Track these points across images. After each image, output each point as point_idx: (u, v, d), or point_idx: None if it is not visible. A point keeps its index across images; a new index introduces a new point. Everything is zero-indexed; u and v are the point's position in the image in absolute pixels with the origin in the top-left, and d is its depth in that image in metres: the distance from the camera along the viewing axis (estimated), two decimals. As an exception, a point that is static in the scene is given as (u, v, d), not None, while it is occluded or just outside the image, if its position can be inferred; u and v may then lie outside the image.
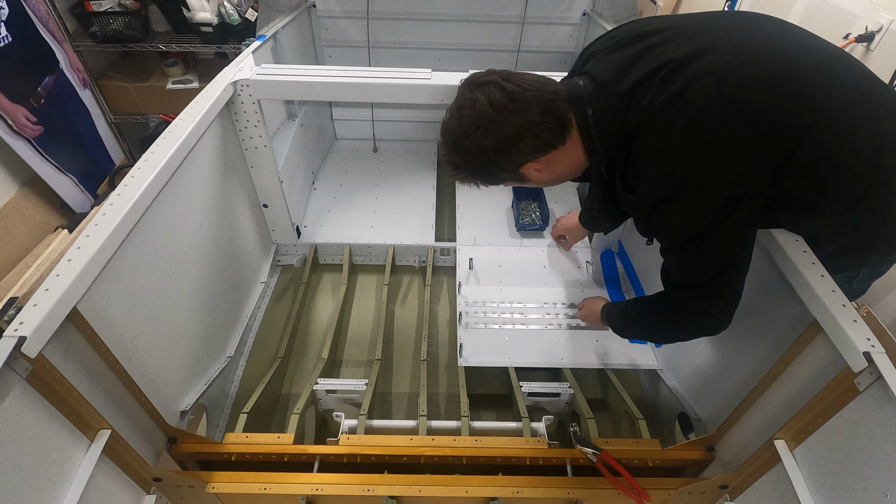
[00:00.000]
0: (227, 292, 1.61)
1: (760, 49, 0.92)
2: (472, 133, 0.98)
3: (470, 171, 1.06)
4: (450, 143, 1.04)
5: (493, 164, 1.01)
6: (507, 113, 0.95)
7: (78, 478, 0.92)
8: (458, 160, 1.05)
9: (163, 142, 1.20)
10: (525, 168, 1.03)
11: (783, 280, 1.03)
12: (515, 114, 0.96)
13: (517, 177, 1.06)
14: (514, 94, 0.95)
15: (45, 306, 0.83)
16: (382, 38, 2.43)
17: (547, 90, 0.98)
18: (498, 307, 1.79)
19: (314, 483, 1.16)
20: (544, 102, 0.97)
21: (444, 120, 1.05)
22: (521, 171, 1.04)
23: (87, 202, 2.61)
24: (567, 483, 1.19)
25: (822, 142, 0.89)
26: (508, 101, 0.95)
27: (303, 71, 1.52)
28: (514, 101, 0.95)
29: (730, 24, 0.98)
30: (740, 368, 1.21)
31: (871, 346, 0.84)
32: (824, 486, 0.93)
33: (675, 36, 0.95)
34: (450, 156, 1.06)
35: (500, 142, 0.97)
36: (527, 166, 1.02)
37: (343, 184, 2.41)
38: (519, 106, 0.95)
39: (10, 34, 2.11)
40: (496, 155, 0.99)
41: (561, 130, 0.99)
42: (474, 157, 1.01)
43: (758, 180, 0.90)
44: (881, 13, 1.64)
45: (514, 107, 0.95)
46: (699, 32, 0.95)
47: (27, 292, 1.95)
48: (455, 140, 1.02)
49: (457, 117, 1.01)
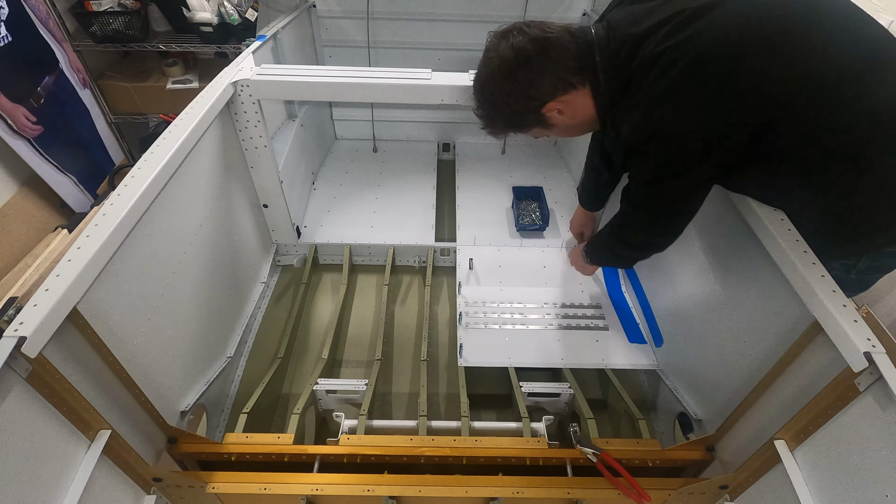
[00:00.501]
0: (227, 292, 1.61)
1: (773, 9, 0.93)
2: (498, 75, 1.05)
3: (498, 116, 1.13)
4: (478, 90, 1.12)
5: (518, 104, 1.07)
6: (528, 54, 1.02)
7: (78, 478, 0.92)
8: (486, 106, 1.12)
9: (163, 142, 1.20)
10: (548, 108, 1.08)
11: (783, 280, 1.03)
12: (536, 55, 1.02)
13: (541, 119, 1.11)
14: (536, 37, 1.02)
15: (45, 306, 0.83)
16: (382, 38, 2.43)
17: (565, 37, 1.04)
18: (498, 307, 1.79)
19: (314, 483, 1.16)
20: (563, 45, 1.03)
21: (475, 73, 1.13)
22: (544, 111, 1.08)
23: (87, 202, 2.61)
24: (567, 483, 1.19)
25: (808, 110, 0.92)
26: (530, 43, 1.02)
27: (303, 71, 1.52)
28: (535, 43, 1.02)
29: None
30: (740, 368, 1.21)
31: (872, 346, 0.84)
32: (824, 486, 0.93)
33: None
34: (479, 103, 1.14)
35: (522, 82, 1.04)
36: (549, 106, 1.07)
37: (343, 184, 2.41)
38: (539, 47, 1.02)
39: (10, 34, 2.11)
40: (519, 94, 1.06)
41: (579, 71, 1.04)
42: (501, 99, 1.08)
43: (735, 138, 0.96)
44: (881, 13, 1.64)
45: (534, 48, 1.02)
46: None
47: (27, 292, 1.95)
48: (482, 83, 1.10)
49: (483, 62, 1.10)
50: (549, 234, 2.12)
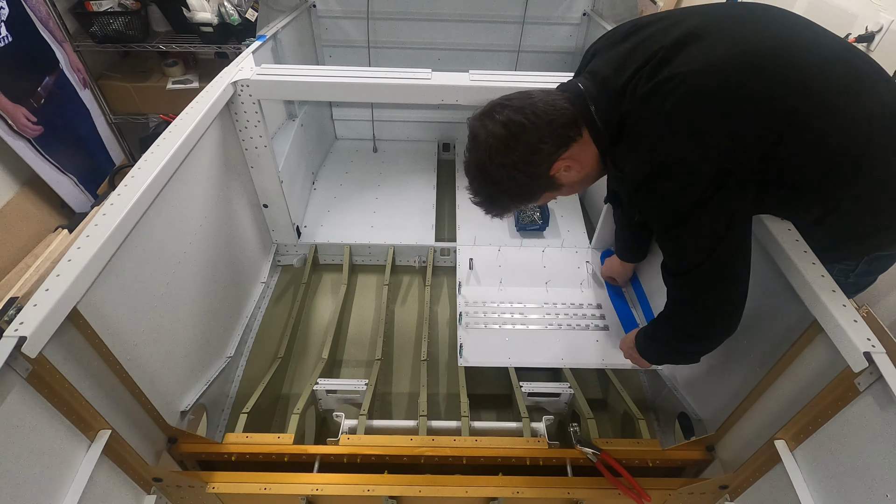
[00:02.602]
0: (228, 292, 1.61)
1: (748, 35, 0.93)
2: (494, 154, 1.00)
3: (504, 195, 1.07)
4: (476, 176, 1.06)
5: (524, 175, 1.02)
6: (519, 125, 0.99)
7: (78, 478, 0.92)
8: (489, 189, 1.06)
9: (163, 142, 1.20)
10: (555, 169, 1.04)
11: (783, 280, 1.03)
12: (528, 122, 0.98)
13: (551, 182, 1.07)
14: (522, 107, 0.99)
15: (45, 306, 0.83)
16: (382, 38, 2.44)
17: (551, 97, 1.02)
18: (498, 307, 1.79)
19: (314, 483, 1.16)
20: (549, 102, 1.00)
21: (464, 161, 1.08)
22: (552, 173, 1.04)
23: (87, 202, 2.61)
24: (567, 483, 1.19)
25: (809, 124, 0.91)
26: (515, 114, 0.99)
27: (303, 71, 1.52)
28: (521, 111, 0.99)
29: (721, 13, 0.99)
30: (740, 368, 1.21)
31: (872, 346, 0.84)
32: (824, 486, 0.93)
33: (667, 26, 0.98)
34: (480, 189, 1.08)
35: (523, 150, 1.00)
36: (556, 166, 1.03)
37: (343, 184, 2.41)
38: (528, 113, 0.99)
39: (11, 34, 2.11)
40: (524, 164, 1.01)
41: (574, 124, 1.01)
42: (504, 177, 1.02)
43: (744, 161, 0.92)
44: (881, 13, 1.65)
45: (523, 117, 0.99)
46: (689, 18, 0.98)
47: (27, 292, 1.95)
48: (479, 168, 1.04)
49: (472, 148, 1.04)
50: (549, 234, 2.12)
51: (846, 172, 0.94)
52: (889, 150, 0.93)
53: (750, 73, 0.89)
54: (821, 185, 0.97)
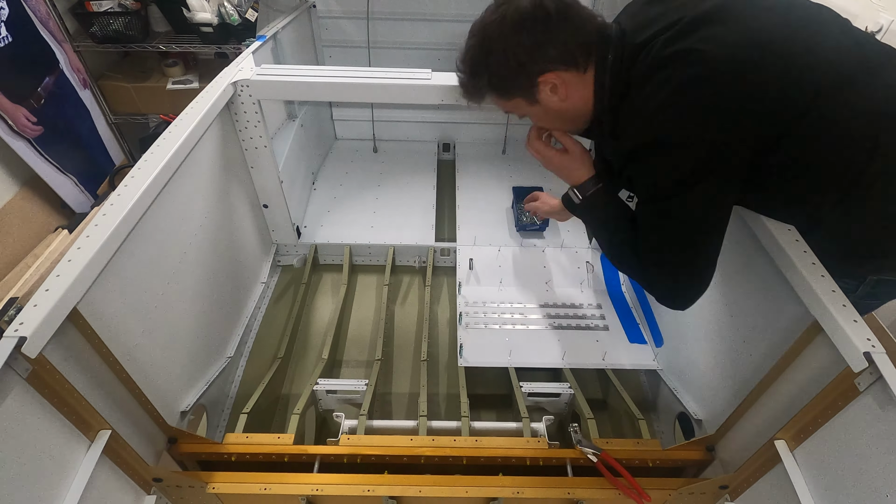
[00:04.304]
0: (227, 292, 1.61)
1: (771, 23, 0.92)
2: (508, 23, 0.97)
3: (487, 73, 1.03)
4: (477, 35, 1.02)
5: (514, 61, 0.98)
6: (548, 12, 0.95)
7: (78, 478, 0.92)
8: (478, 58, 1.03)
9: (163, 142, 1.20)
10: (544, 79, 1.00)
11: (783, 280, 1.03)
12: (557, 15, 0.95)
13: (530, 89, 1.03)
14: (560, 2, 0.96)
15: (45, 306, 0.83)
16: (382, 38, 2.43)
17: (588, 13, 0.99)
18: (498, 307, 1.79)
19: (314, 483, 1.16)
20: (585, 17, 0.98)
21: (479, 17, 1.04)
22: (538, 79, 1.00)
23: (87, 202, 2.61)
24: (567, 483, 1.19)
25: (815, 127, 0.89)
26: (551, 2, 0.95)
27: (303, 71, 1.52)
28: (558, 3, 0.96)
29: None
30: (740, 368, 1.21)
31: (872, 346, 0.84)
32: (824, 486, 0.93)
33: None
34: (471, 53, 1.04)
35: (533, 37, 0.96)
36: (546, 76, 0.99)
37: (343, 184, 2.41)
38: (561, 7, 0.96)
39: (10, 34, 2.11)
40: (522, 50, 0.97)
41: (587, 56, 0.99)
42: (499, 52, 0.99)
43: (736, 154, 0.91)
44: (881, 13, 1.64)
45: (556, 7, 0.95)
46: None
47: (27, 292, 1.95)
48: (484, 28, 1.00)
49: (494, 8, 1.00)
50: (549, 234, 2.12)
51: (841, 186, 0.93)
52: None
53: (761, 66, 0.88)
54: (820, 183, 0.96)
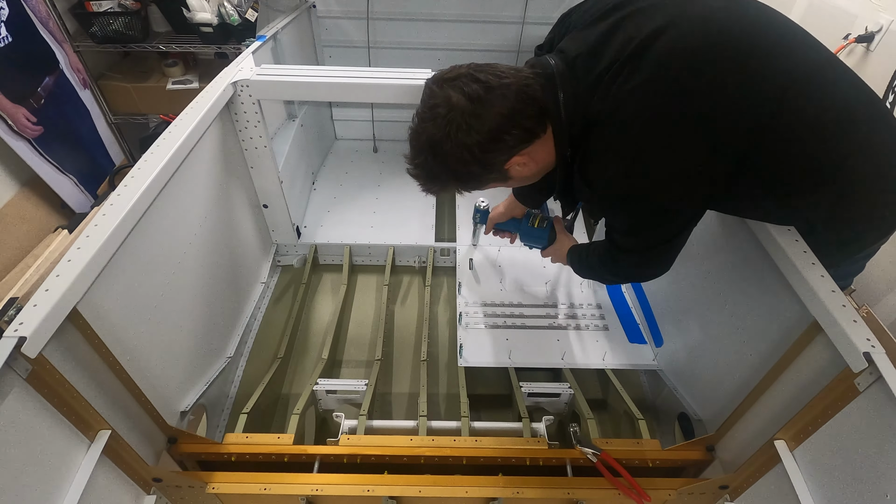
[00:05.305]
0: (227, 292, 1.61)
1: (725, 26, 0.88)
2: (454, 133, 0.89)
3: (451, 177, 0.98)
4: (426, 150, 0.95)
5: (477, 164, 0.93)
6: (486, 104, 0.88)
7: (78, 478, 0.92)
8: (436, 168, 0.97)
9: (163, 142, 1.20)
10: (510, 163, 0.96)
11: (783, 280, 1.03)
12: (496, 103, 0.88)
13: (502, 175, 0.99)
14: (490, 83, 0.89)
15: (45, 306, 0.83)
16: (382, 38, 2.43)
17: (521, 75, 0.92)
18: (498, 307, 1.79)
19: (314, 483, 1.16)
20: (521, 87, 0.90)
21: (413, 127, 0.97)
22: (506, 167, 0.96)
23: (87, 202, 2.61)
24: (567, 483, 1.19)
25: (788, 126, 0.88)
26: (485, 92, 0.88)
27: (303, 71, 1.52)
28: (492, 91, 0.88)
29: None
30: (740, 368, 1.21)
31: (871, 346, 0.84)
32: (824, 486, 0.93)
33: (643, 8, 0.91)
34: (426, 165, 0.98)
35: (485, 136, 0.90)
36: (512, 161, 0.95)
37: (343, 184, 2.41)
38: (497, 94, 0.88)
39: (10, 34, 2.11)
40: (482, 152, 0.91)
41: (541, 116, 0.93)
42: (457, 160, 0.93)
43: (718, 170, 0.91)
44: (881, 13, 1.65)
45: (492, 96, 0.88)
46: (666, 5, 0.91)
47: (27, 292, 1.95)
48: (433, 145, 0.93)
49: (430, 119, 0.92)
50: (549, 234, 2.12)
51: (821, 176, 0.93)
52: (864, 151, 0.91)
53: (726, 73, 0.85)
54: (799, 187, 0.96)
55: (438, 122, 0.91)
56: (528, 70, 0.95)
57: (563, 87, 0.92)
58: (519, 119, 0.91)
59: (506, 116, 0.89)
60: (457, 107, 0.89)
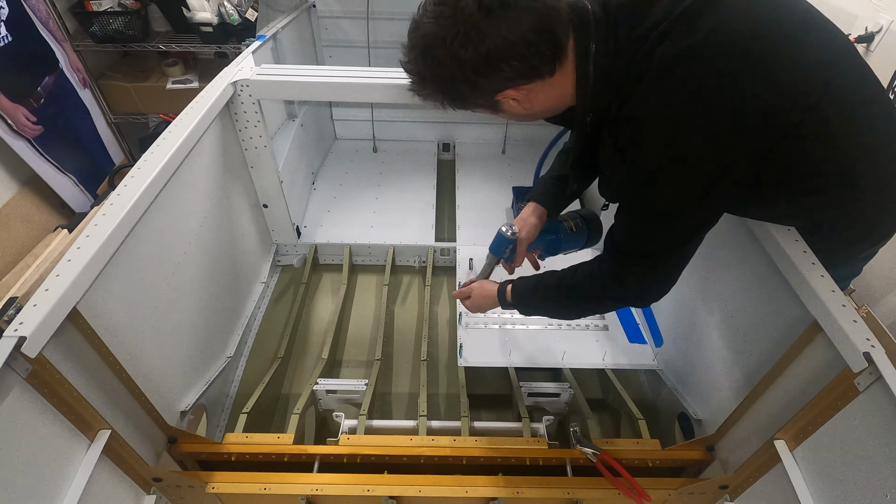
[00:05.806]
0: (227, 292, 1.61)
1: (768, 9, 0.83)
2: (450, 39, 0.80)
3: (438, 87, 0.89)
4: (419, 48, 0.86)
5: (466, 83, 0.84)
6: (495, 21, 0.78)
7: (78, 478, 0.92)
8: (425, 71, 0.87)
9: (163, 142, 1.20)
10: (503, 95, 0.87)
11: (783, 280, 1.03)
12: (505, 23, 0.78)
13: (491, 104, 0.91)
14: None
15: (44, 306, 0.83)
16: (382, 38, 2.43)
17: (550, 4, 0.80)
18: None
19: (314, 483, 1.16)
20: (541, 17, 0.79)
21: (415, 17, 0.87)
22: (497, 97, 0.88)
23: (87, 202, 2.60)
24: (567, 483, 1.19)
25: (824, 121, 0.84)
26: (499, 7, 0.78)
27: (303, 71, 1.52)
28: (507, 7, 0.78)
29: None
30: (740, 368, 1.21)
31: (871, 346, 0.84)
32: (824, 486, 0.93)
33: None
34: (416, 63, 0.88)
35: (481, 57, 0.80)
36: (505, 93, 0.87)
37: (343, 184, 2.41)
38: (512, 14, 0.78)
39: (10, 34, 2.11)
40: (473, 73, 0.82)
41: (553, 58, 0.83)
42: (446, 70, 0.84)
43: (745, 163, 0.85)
44: (881, 13, 1.65)
45: (504, 14, 0.78)
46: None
47: (27, 292, 1.95)
48: (427, 45, 0.84)
49: (432, 16, 0.82)
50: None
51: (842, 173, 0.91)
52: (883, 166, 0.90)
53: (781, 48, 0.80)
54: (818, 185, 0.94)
55: (440, 22, 0.81)
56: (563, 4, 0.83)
57: (598, 39, 0.82)
58: (525, 51, 0.80)
59: (511, 44, 0.79)
60: (463, 11, 0.79)
